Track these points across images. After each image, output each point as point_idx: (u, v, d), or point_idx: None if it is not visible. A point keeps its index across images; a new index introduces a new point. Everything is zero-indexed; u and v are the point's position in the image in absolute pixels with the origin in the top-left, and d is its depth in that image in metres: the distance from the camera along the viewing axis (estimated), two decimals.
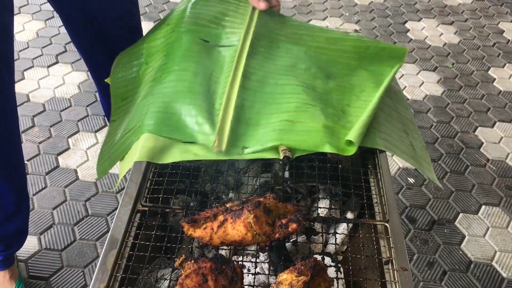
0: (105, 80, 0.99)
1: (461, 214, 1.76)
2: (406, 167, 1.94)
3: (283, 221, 0.61)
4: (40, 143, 1.95)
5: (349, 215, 0.84)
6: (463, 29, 2.79)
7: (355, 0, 2.98)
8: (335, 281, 0.66)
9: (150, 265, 0.78)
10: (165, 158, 0.71)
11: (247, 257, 0.73)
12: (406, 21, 2.82)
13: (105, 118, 2.05)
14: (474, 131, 2.14)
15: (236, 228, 0.60)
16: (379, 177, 0.83)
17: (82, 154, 1.91)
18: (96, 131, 2.01)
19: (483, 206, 1.80)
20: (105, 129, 2.02)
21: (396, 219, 0.75)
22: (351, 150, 0.76)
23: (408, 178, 1.90)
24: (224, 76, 0.89)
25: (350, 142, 0.78)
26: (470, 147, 2.05)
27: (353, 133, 0.79)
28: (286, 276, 0.58)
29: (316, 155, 0.83)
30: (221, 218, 0.62)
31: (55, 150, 1.92)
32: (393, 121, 0.91)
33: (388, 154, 1.54)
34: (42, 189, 1.76)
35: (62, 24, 1.24)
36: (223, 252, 0.76)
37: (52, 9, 1.36)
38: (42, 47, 2.44)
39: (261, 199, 0.63)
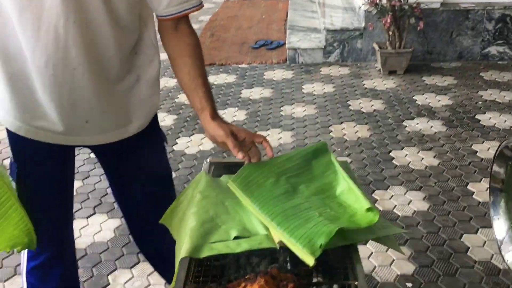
0: None
1: None
2: (404, 273, 2.21)
3: (285, 282, 0.93)
4: (84, 281, 2.26)
5: None
6: (441, 153, 3.22)
7: (344, 137, 3.46)
8: None
9: None
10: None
11: None
12: (390, 151, 3.26)
13: (137, 255, 2.38)
14: (460, 238, 2.43)
15: None
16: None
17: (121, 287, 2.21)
18: (131, 267, 2.33)
19: None
20: (139, 265, 2.34)
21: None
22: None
23: (406, 283, 2.16)
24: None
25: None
26: (458, 252, 2.33)
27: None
28: None
29: None
30: (243, 284, 0.94)
31: (97, 286, 2.22)
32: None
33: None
34: None
35: (97, 181, 1.63)
36: None
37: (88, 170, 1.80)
38: (81, 202, 2.85)
39: (269, 270, 0.96)
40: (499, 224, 1.13)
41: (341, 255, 1.08)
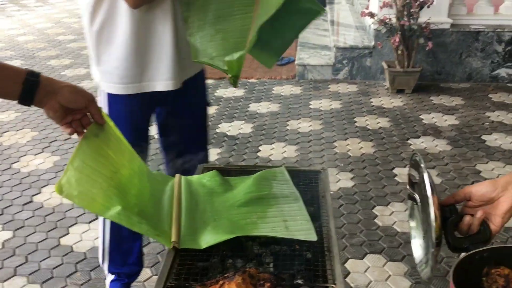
0: None
1: None
2: None
3: (262, 281, 0.95)
4: (81, 285, 2.29)
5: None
6: (444, 172, 3.21)
7: (348, 153, 3.48)
8: None
9: None
10: None
11: None
12: (393, 168, 3.27)
13: None
14: (458, 255, 2.41)
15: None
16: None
17: None
18: None
19: None
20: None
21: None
22: None
23: None
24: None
25: None
26: None
27: None
28: None
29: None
30: (221, 282, 0.96)
31: None
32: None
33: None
34: None
35: None
36: None
37: None
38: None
39: (247, 269, 0.98)
40: (416, 241, 1.13)
41: (322, 258, 1.10)
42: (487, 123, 3.93)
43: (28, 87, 1.04)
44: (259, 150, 3.55)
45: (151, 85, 1.69)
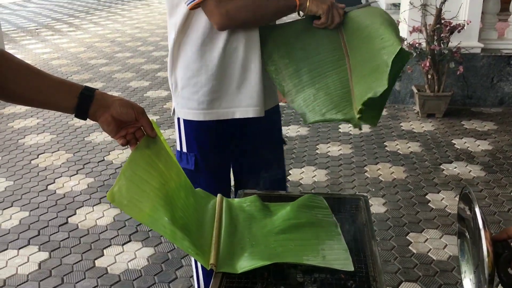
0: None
1: None
2: None
3: None
4: None
5: None
6: (479, 198, 3.15)
7: (379, 178, 3.45)
8: None
9: None
10: None
11: None
12: (426, 193, 3.22)
13: (168, 284, 2.41)
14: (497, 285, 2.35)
15: None
16: None
17: None
18: None
19: None
20: None
21: None
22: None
23: None
24: None
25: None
26: None
27: None
28: None
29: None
30: None
31: None
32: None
33: None
34: None
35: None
36: None
37: None
38: (118, 229, 2.93)
39: None
40: (466, 276, 1.11)
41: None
42: None
43: (82, 101, 1.10)
44: (290, 174, 3.55)
45: (229, 112, 1.64)
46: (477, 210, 0.99)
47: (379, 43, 1.44)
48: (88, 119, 1.13)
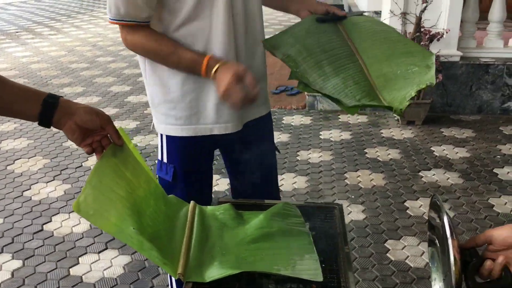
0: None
1: None
2: None
3: None
4: None
5: None
6: (457, 205, 3.18)
7: (359, 185, 3.46)
8: None
9: None
10: None
11: None
12: (405, 200, 3.24)
13: None
14: None
15: None
16: None
17: None
18: None
19: None
20: None
21: None
22: None
23: None
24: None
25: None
26: None
27: None
28: None
29: None
30: None
31: None
32: None
33: None
34: None
35: None
36: None
37: None
38: (94, 237, 2.89)
39: None
40: (436, 284, 1.12)
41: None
42: (499, 156, 3.90)
43: (46, 108, 1.08)
44: None
45: (207, 128, 1.59)
46: (445, 218, 0.99)
47: (401, 48, 1.59)
48: (52, 127, 1.10)
